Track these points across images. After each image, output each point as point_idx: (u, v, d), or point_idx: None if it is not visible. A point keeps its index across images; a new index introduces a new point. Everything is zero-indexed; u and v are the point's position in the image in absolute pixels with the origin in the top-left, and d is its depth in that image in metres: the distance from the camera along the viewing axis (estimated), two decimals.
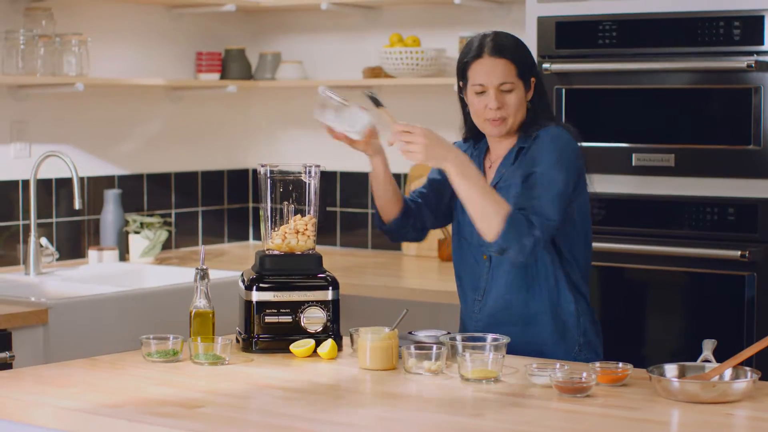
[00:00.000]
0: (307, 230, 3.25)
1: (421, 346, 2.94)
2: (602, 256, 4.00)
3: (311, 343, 3.11)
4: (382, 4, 5.19)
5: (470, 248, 3.29)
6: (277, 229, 3.26)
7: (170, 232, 5.15)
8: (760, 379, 2.69)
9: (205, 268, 3.18)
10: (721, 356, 2.81)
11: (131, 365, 3.01)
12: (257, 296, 3.15)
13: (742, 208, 3.89)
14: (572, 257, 3.21)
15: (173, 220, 5.28)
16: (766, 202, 3.85)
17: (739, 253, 3.84)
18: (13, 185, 4.69)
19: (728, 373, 2.72)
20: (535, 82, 3.23)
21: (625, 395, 2.69)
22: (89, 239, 4.94)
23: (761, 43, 3.81)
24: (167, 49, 5.28)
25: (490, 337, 2.98)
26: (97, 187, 4.97)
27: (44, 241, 4.55)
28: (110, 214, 4.87)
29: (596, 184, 3.36)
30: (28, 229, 4.60)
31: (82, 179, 4.85)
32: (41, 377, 2.89)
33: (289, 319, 3.15)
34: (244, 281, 3.21)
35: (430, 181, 3.40)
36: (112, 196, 4.89)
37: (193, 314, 3.16)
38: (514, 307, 3.22)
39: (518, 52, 3.19)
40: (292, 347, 3.11)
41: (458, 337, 2.97)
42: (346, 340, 3.24)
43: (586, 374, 2.71)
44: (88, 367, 3.01)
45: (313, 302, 3.16)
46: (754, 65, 3.79)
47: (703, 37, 3.90)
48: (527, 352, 3.14)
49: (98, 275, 4.61)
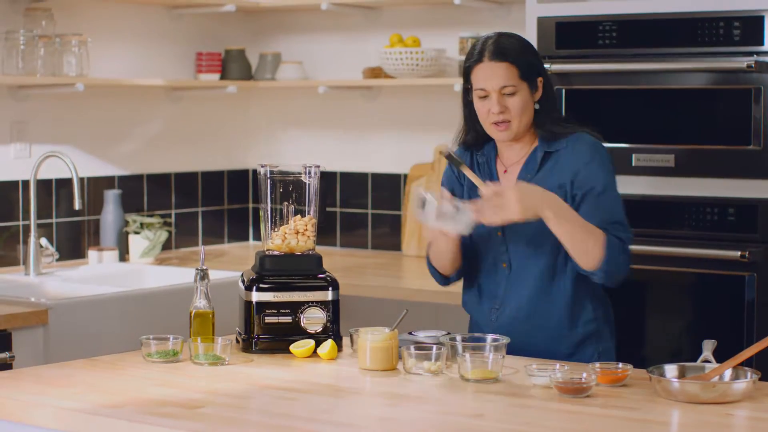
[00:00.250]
0: (307, 230, 3.25)
1: (421, 346, 2.94)
2: None
3: (311, 343, 3.11)
4: (382, 4, 5.19)
5: (487, 257, 3.26)
6: (277, 229, 3.26)
7: (170, 232, 5.15)
8: (760, 379, 2.69)
9: (205, 268, 3.18)
10: (721, 356, 2.81)
11: (131, 366, 3.01)
12: (257, 296, 3.15)
13: (742, 208, 3.88)
14: None
15: (173, 220, 5.28)
16: (766, 202, 3.85)
17: (739, 253, 3.84)
18: (13, 185, 4.69)
19: (728, 373, 2.72)
20: (543, 81, 3.20)
21: (625, 395, 2.69)
22: (89, 239, 4.94)
23: (761, 43, 3.81)
24: (167, 49, 5.28)
25: (490, 337, 2.98)
26: (97, 187, 4.97)
27: (44, 241, 4.55)
28: (110, 214, 4.87)
29: None
30: (28, 229, 4.60)
31: (82, 179, 4.84)
32: (41, 377, 2.89)
33: (289, 319, 3.15)
34: (244, 281, 3.21)
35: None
36: (112, 196, 4.89)
37: (193, 314, 3.16)
38: (534, 316, 3.19)
39: (521, 53, 3.15)
40: (292, 348, 3.11)
41: (458, 337, 2.97)
42: (346, 340, 3.24)
43: (586, 374, 2.71)
44: (88, 367, 3.01)
45: (313, 303, 3.16)
46: (754, 65, 3.78)
47: (703, 37, 3.90)
48: (545, 357, 3.12)
49: (98, 275, 4.61)
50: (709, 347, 2.83)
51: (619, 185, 3.19)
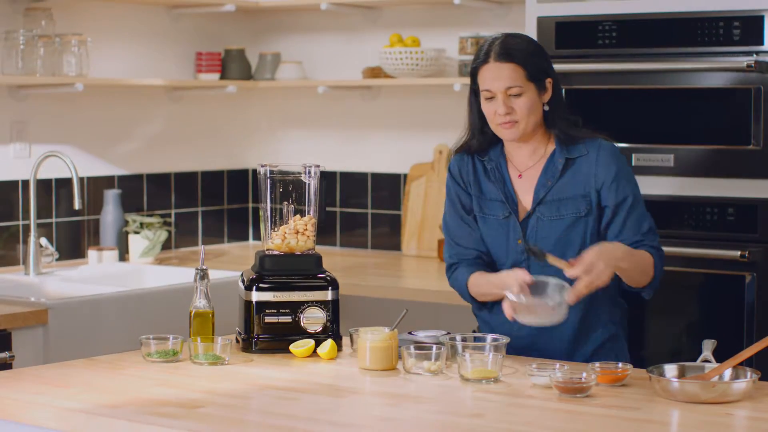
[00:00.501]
0: (306, 230, 3.25)
1: (420, 346, 2.94)
2: None
3: (311, 343, 3.11)
4: (382, 4, 5.19)
5: (506, 265, 3.20)
6: (276, 229, 3.26)
7: (170, 232, 5.15)
8: (760, 379, 2.69)
9: (204, 268, 3.18)
10: (721, 356, 2.81)
11: (131, 365, 3.01)
12: (257, 296, 3.15)
13: (742, 208, 3.88)
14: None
15: (173, 220, 5.28)
16: (766, 202, 3.85)
17: (739, 253, 3.84)
18: (13, 185, 4.69)
19: (728, 373, 2.72)
20: (552, 83, 3.17)
21: (625, 395, 2.69)
22: (89, 239, 4.94)
23: (761, 43, 3.81)
24: (167, 49, 5.28)
25: (489, 337, 2.98)
26: (97, 187, 4.97)
27: (44, 241, 4.55)
28: (110, 214, 4.87)
29: None
30: (28, 229, 4.60)
31: (81, 179, 4.85)
32: (41, 377, 2.89)
33: (288, 319, 3.15)
34: (243, 281, 3.21)
35: (468, 234, 3.26)
36: (111, 196, 4.89)
37: (192, 314, 3.16)
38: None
39: (528, 54, 3.12)
40: (291, 347, 3.11)
41: (458, 337, 2.97)
42: (345, 340, 3.24)
43: (585, 374, 2.71)
44: (87, 367, 3.01)
45: (312, 302, 3.16)
46: (754, 65, 3.78)
47: (702, 37, 3.90)
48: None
49: (98, 275, 4.61)
50: (709, 347, 2.83)
51: None
